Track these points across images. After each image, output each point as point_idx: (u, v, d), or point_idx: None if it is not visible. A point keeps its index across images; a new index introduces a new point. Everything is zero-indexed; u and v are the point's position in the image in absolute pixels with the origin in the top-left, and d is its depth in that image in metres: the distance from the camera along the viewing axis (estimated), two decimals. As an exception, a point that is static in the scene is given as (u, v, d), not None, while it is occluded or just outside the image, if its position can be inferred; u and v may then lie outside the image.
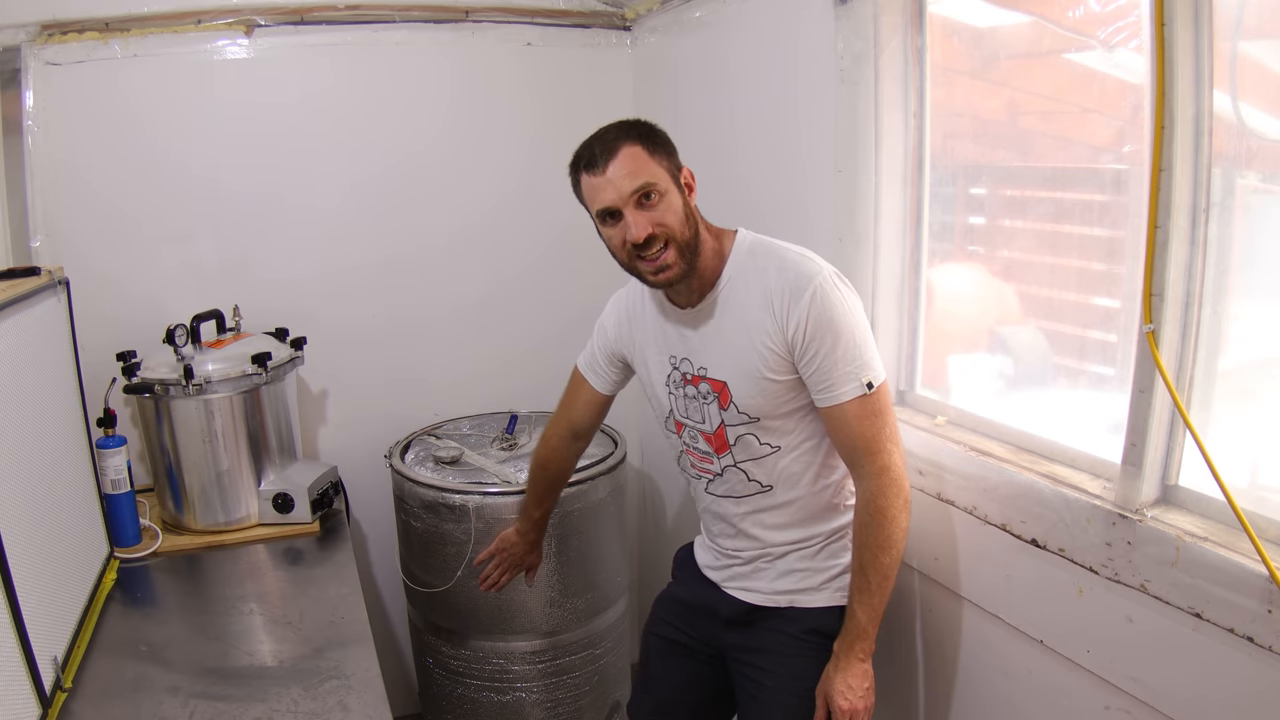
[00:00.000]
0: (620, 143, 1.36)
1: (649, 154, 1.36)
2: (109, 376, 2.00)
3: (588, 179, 1.38)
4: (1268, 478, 1.19)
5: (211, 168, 2.24)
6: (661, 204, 1.36)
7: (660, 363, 1.54)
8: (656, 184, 1.35)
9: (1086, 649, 1.32)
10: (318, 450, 2.46)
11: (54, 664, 1.36)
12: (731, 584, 1.57)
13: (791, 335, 1.37)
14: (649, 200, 1.35)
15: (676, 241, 1.37)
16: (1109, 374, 1.42)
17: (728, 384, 1.43)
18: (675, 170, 1.40)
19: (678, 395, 1.52)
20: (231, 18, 2.18)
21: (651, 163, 1.36)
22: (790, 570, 1.51)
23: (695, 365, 1.48)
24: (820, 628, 1.48)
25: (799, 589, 1.50)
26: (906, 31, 1.65)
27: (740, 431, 1.45)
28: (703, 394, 1.47)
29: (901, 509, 1.39)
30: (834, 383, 1.37)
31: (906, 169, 1.71)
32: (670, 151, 1.41)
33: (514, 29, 2.43)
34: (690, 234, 1.39)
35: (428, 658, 2.24)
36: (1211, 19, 1.13)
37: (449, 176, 2.46)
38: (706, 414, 1.48)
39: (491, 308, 2.57)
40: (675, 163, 1.41)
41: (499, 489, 2.03)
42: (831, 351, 1.36)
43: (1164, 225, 1.17)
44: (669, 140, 1.42)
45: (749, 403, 1.43)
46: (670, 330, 1.51)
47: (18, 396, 1.40)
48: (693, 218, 1.41)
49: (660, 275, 1.39)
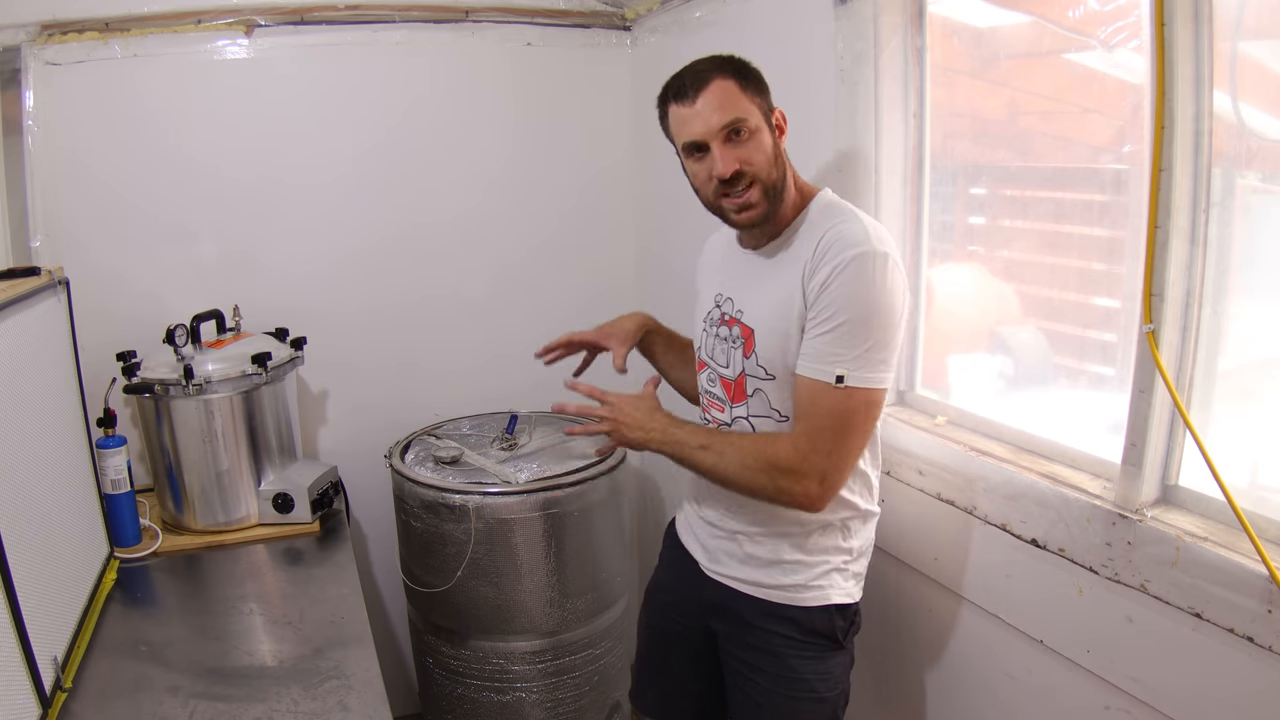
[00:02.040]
0: (712, 75, 1.31)
1: (741, 89, 1.32)
2: (109, 376, 2.00)
3: (676, 110, 1.34)
4: (1268, 478, 1.19)
5: (211, 168, 2.24)
6: (751, 141, 1.31)
7: (707, 297, 1.52)
8: (747, 120, 1.31)
9: (1086, 649, 1.32)
10: (318, 450, 2.46)
11: (54, 664, 1.35)
12: (714, 567, 1.51)
13: (812, 288, 1.30)
14: (738, 136, 1.31)
15: (763, 181, 1.32)
16: (1109, 374, 1.42)
17: (754, 332, 1.39)
18: (768, 109, 1.36)
19: (710, 334, 1.49)
20: (231, 18, 2.18)
21: (744, 98, 1.31)
22: (778, 560, 1.43)
23: (735, 307, 1.44)
24: (819, 628, 1.43)
25: (790, 584, 1.43)
26: (906, 31, 1.65)
27: (758, 385, 1.41)
28: (733, 337, 1.43)
29: (769, 486, 1.31)
30: (808, 354, 1.30)
31: (906, 169, 1.71)
32: (763, 90, 1.36)
33: (514, 29, 2.43)
34: (778, 176, 1.34)
35: (428, 658, 2.24)
36: (1211, 19, 1.14)
37: (448, 174, 2.46)
38: (731, 358, 1.44)
39: (492, 309, 2.57)
40: (768, 102, 1.36)
41: (499, 489, 2.03)
42: (826, 323, 1.28)
43: (1164, 225, 1.17)
44: (763, 79, 1.37)
45: (769, 356, 1.38)
46: (729, 268, 1.49)
47: (18, 396, 1.40)
48: (782, 160, 1.36)
49: (743, 214, 1.35)
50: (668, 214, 2.48)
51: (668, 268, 2.50)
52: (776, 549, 1.43)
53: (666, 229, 2.50)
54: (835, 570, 1.44)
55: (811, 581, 1.43)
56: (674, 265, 2.37)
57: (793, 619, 1.43)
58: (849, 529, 1.44)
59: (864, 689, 1.77)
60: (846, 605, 1.45)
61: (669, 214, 2.46)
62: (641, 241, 2.67)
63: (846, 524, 1.43)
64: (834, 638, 1.44)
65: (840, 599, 1.43)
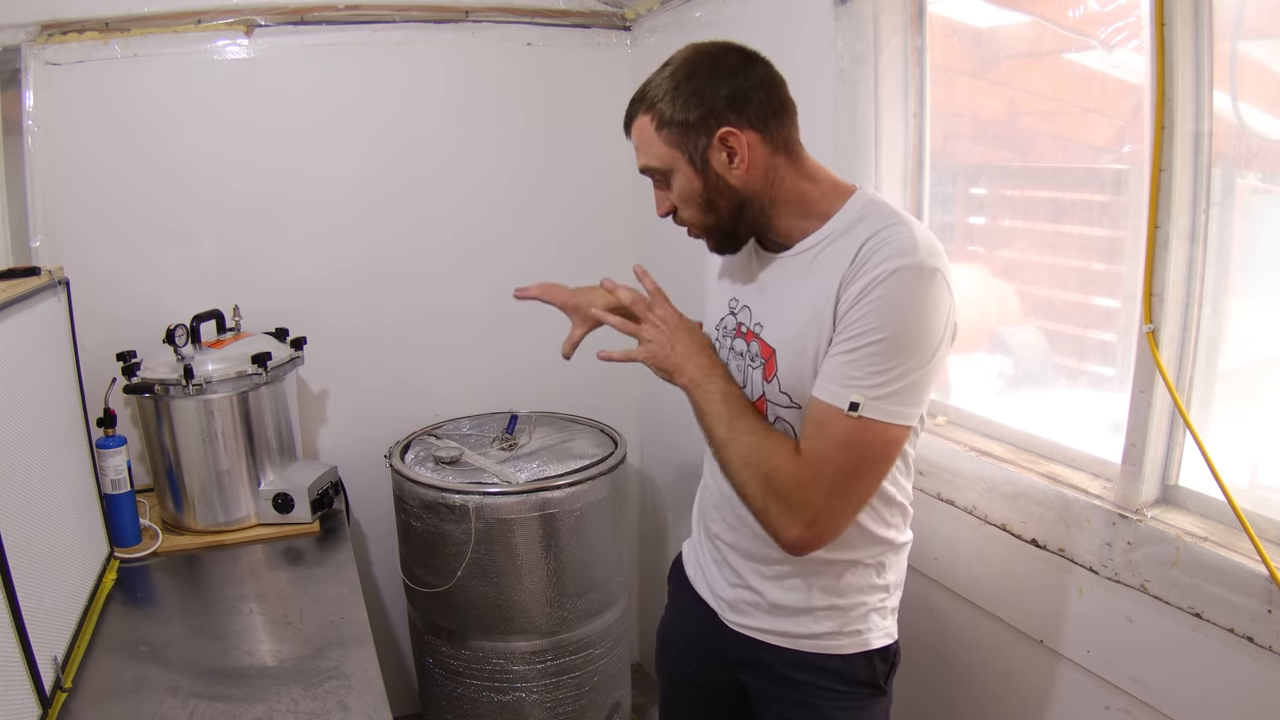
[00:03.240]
0: (635, 111, 1.20)
1: (656, 129, 1.17)
2: (109, 376, 1.99)
3: None
4: (1268, 478, 1.19)
5: (212, 167, 2.24)
6: (674, 185, 1.20)
7: (720, 301, 1.34)
8: (658, 167, 1.19)
9: (1086, 649, 1.32)
10: (318, 450, 2.46)
11: (54, 664, 1.35)
12: (736, 619, 1.33)
13: (841, 302, 1.11)
14: (659, 181, 1.22)
15: (693, 225, 1.23)
16: (1109, 374, 1.42)
17: (776, 353, 1.20)
18: (696, 144, 1.15)
19: (724, 345, 1.30)
20: (231, 18, 2.18)
21: (656, 140, 1.17)
22: (809, 608, 1.26)
23: (753, 319, 1.25)
24: (860, 676, 1.27)
25: (824, 631, 1.26)
26: (906, 31, 1.65)
27: (779, 413, 1.22)
28: (750, 354, 1.24)
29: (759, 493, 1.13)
30: (832, 375, 1.10)
31: (906, 169, 1.71)
32: (687, 120, 1.14)
33: (514, 29, 2.43)
34: (714, 219, 1.20)
35: (428, 658, 2.24)
36: (1211, 19, 1.14)
37: (449, 176, 2.46)
38: (749, 379, 1.25)
39: (492, 308, 2.57)
40: (699, 133, 1.15)
41: (499, 489, 2.03)
42: (851, 340, 1.09)
43: (1164, 225, 1.18)
44: (698, 98, 1.14)
45: (792, 382, 1.18)
46: (748, 270, 1.30)
47: (18, 396, 1.40)
48: (728, 192, 1.17)
49: (707, 242, 1.26)
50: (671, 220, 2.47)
51: (669, 269, 2.49)
52: (806, 595, 1.26)
53: (668, 230, 2.49)
54: (873, 611, 1.28)
55: (848, 628, 1.27)
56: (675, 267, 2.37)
57: (831, 669, 1.27)
58: (884, 565, 1.28)
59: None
60: (886, 647, 1.29)
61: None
62: (641, 238, 2.67)
63: (881, 559, 1.27)
64: (875, 684, 1.29)
65: (880, 641, 1.28)
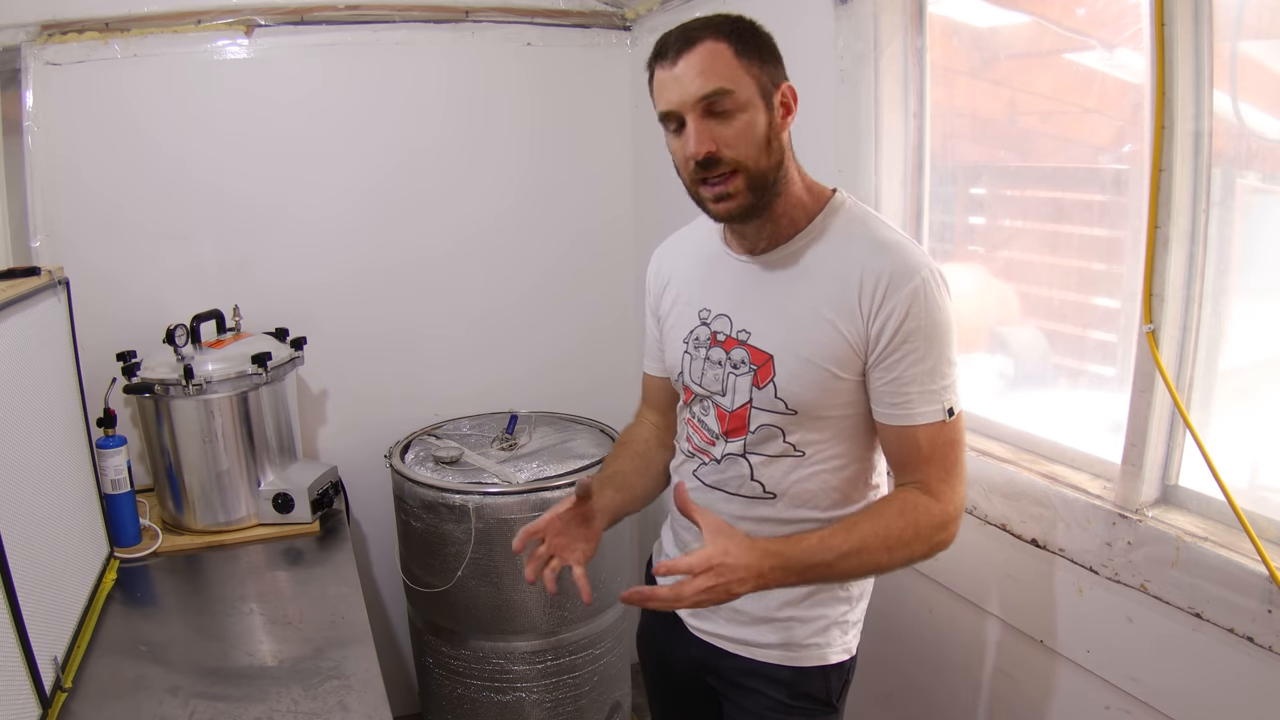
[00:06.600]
0: (703, 35, 1.08)
1: (736, 54, 1.08)
2: (109, 376, 1.99)
3: (658, 73, 1.12)
4: (1268, 478, 1.19)
5: (212, 168, 2.23)
6: (736, 120, 1.08)
7: (686, 314, 1.29)
8: (734, 92, 1.08)
9: (1086, 649, 1.32)
10: (318, 450, 2.46)
11: (54, 664, 1.35)
12: (697, 623, 1.33)
13: (876, 331, 1.12)
14: (721, 111, 1.08)
15: (747, 170, 1.10)
16: (1109, 374, 1.42)
17: (774, 359, 1.17)
18: (769, 83, 1.11)
19: (696, 356, 1.26)
20: (231, 18, 2.18)
21: (736, 65, 1.08)
22: (769, 618, 1.25)
23: (735, 326, 1.21)
24: (812, 690, 1.26)
25: (781, 642, 1.25)
26: (906, 31, 1.65)
27: (766, 420, 1.19)
28: (735, 362, 1.20)
29: (924, 550, 1.13)
30: (910, 400, 1.13)
31: (906, 169, 1.71)
32: (768, 59, 1.12)
33: (514, 29, 2.43)
34: (768, 164, 1.11)
35: (428, 658, 2.24)
36: (1211, 19, 1.14)
37: (448, 176, 2.46)
38: (732, 386, 1.20)
39: (492, 310, 2.57)
40: (774, 74, 1.12)
41: (499, 489, 2.03)
42: (918, 363, 1.12)
43: (1164, 225, 1.18)
44: (773, 46, 1.13)
45: (791, 389, 1.16)
46: (717, 279, 1.25)
47: (18, 396, 1.40)
48: (777, 146, 1.13)
49: (720, 205, 1.13)
50: (670, 219, 2.47)
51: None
52: (768, 603, 1.25)
53: (668, 230, 2.49)
54: (834, 625, 1.27)
55: (807, 639, 1.25)
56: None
57: (782, 681, 1.26)
58: None
59: (864, 689, 1.77)
60: (843, 663, 1.28)
61: (672, 219, 2.45)
62: (641, 236, 2.67)
63: None
64: (827, 700, 1.28)
65: (837, 657, 1.27)
